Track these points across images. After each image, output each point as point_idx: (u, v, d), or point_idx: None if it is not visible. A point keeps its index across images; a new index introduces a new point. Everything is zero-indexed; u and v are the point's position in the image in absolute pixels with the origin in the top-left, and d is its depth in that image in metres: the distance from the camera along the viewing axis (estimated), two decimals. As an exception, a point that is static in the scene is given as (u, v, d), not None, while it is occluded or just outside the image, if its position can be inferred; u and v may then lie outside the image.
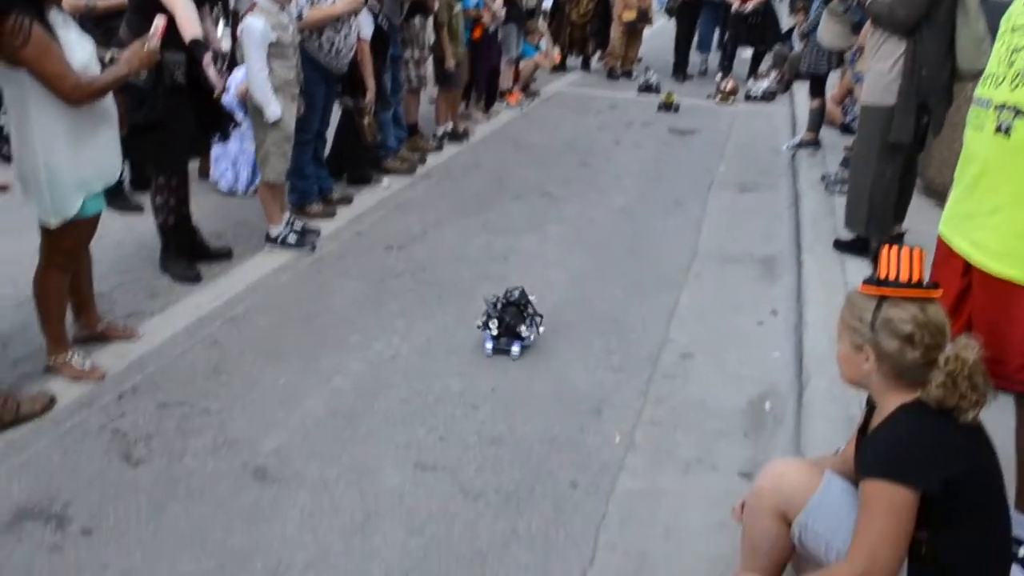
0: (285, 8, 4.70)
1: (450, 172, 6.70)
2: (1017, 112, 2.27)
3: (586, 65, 11.62)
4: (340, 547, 2.59)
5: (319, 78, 5.21)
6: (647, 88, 9.99)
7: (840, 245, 4.94)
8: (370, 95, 5.72)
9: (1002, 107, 2.31)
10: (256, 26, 4.51)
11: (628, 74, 11.05)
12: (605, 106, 9.40)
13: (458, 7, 7.19)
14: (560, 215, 5.76)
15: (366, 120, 5.76)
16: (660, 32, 13.51)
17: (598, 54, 11.50)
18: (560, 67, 11.28)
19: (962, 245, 2.47)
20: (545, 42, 10.29)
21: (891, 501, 1.76)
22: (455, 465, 3.01)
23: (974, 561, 1.84)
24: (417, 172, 6.56)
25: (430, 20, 6.75)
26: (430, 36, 6.80)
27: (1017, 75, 2.29)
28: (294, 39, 4.75)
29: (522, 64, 9.31)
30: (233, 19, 5.97)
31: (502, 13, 7.97)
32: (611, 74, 11.06)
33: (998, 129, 2.31)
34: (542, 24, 10.84)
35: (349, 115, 5.92)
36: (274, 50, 4.60)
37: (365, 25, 5.64)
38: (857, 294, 1.97)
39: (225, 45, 5.59)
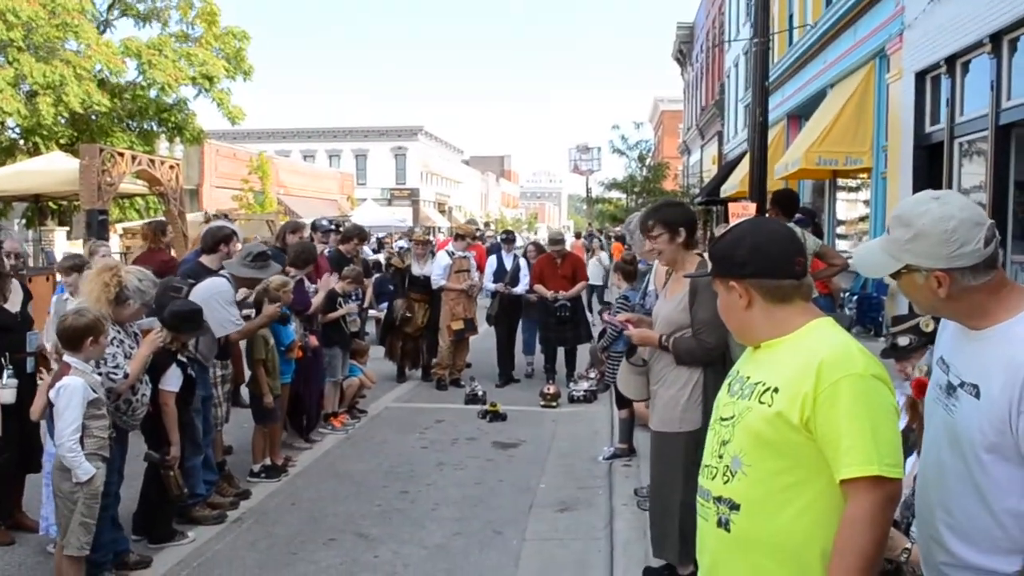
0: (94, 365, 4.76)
1: (264, 515, 6.44)
2: (732, 506, 2.40)
3: (426, 375, 11.72)
4: None
5: (117, 436, 5.08)
6: (473, 398, 10.24)
7: (650, 574, 4.97)
8: (174, 450, 5.58)
9: (719, 500, 2.45)
10: (77, 385, 4.53)
11: (456, 382, 11.27)
12: (432, 421, 9.51)
13: (272, 341, 7.31)
14: (373, 560, 5.56)
15: (172, 473, 5.56)
16: (489, 335, 14.07)
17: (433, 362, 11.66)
18: (400, 377, 11.51)
19: (715, 635, 2.50)
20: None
21: None
22: None
23: None
24: (229, 516, 6.29)
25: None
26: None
27: (727, 469, 2.45)
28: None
29: (346, 384, 9.40)
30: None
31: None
32: (440, 384, 11.26)
33: (719, 523, 2.44)
34: (369, 340, 11.17)
35: (155, 468, 5.71)
36: (93, 410, 4.59)
37: (172, 377, 5.64)
38: None
39: (6, 397, 5.42)
